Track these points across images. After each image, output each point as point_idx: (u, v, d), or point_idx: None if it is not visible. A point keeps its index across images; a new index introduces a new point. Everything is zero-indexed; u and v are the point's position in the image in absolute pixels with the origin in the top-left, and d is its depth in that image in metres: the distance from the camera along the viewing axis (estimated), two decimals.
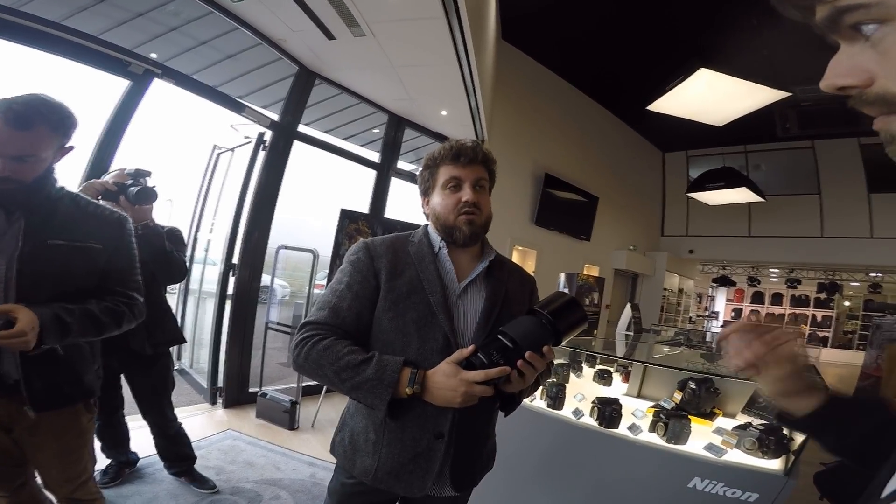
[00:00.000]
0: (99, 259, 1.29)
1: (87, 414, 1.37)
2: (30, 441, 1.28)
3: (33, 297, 1.12)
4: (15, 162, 1.12)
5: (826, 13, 0.38)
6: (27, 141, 1.12)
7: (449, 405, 0.98)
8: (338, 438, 1.19)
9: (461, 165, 1.13)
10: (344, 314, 1.07)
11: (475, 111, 4.49)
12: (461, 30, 3.07)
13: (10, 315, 1.05)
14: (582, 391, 2.32)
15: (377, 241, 1.16)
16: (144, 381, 2.27)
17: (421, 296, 1.08)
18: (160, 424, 2.35)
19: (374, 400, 0.98)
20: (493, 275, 1.17)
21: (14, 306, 1.07)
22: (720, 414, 2.22)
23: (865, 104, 0.39)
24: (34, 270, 1.16)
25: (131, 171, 2.06)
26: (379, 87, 4.38)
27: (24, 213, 1.18)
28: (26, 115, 1.10)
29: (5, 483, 1.33)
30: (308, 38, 3.46)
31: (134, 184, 1.99)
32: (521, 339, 0.96)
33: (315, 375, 1.04)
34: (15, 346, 1.06)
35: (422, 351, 1.05)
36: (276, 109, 4.07)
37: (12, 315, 1.06)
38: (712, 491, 1.64)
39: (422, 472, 1.07)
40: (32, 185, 1.18)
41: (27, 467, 1.37)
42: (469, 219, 1.11)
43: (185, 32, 3.45)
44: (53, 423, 1.28)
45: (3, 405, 1.22)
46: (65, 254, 1.21)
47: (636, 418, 2.06)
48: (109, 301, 1.29)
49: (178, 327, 2.40)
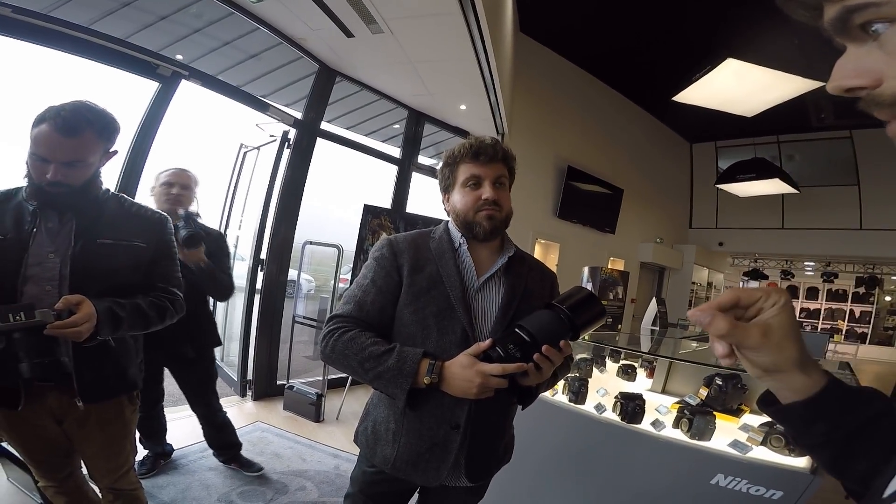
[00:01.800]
0: (143, 256, 1.36)
1: (130, 406, 1.43)
2: (78, 432, 1.35)
3: (85, 293, 1.18)
4: (66, 167, 1.19)
5: (835, 13, 0.38)
6: (76, 147, 1.18)
7: (465, 396, 1.00)
8: (361, 428, 1.24)
9: (481, 163, 1.13)
10: (368, 308, 1.12)
11: (495, 105, 4.47)
12: (478, 25, 3.06)
13: (74, 307, 1.13)
14: (605, 386, 2.30)
15: (400, 237, 1.19)
16: (190, 376, 2.42)
17: (440, 290, 1.10)
18: (207, 415, 2.47)
19: (394, 389, 1.01)
20: (512, 270, 1.18)
21: (79, 297, 1.14)
22: (747, 411, 2.17)
23: (876, 106, 0.38)
24: (86, 267, 1.24)
25: (183, 213, 2.17)
26: (398, 84, 4.40)
27: (75, 215, 1.26)
28: (75, 123, 1.16)
29: (54, 473, 1.41)
30: (327, 36, 3.50)
31: (185, 226, 2.08)
32: (538, 332, 0.97)
33: (341, 366, 1.08)
34: (68, 335, 1.12)
35: (441, 343, 1.08)
36: (298, 107, 4.14)
37: (77, 307, 1.13)
38: (735, 488, 1.61)
39: (437, 462, 1.10)
40: (81, 188, 1.25)
41: (74, 458, 1.44)
42: (489, 213, 1.13)
43: (208, 34, 3.53)
44: (100, 414, 1.34)
45: (55, 397, 1.28)
46: (113, 251, 1.29)
47: (660, 414, 2.03)
48: (153, 296, 1.36)
49: (216, 331, 2.51)
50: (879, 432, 0.50)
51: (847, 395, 0.53)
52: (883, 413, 0.51)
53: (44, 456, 1.37)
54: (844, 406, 0.52)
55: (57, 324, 1.09)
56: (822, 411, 0.52)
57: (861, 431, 0.51)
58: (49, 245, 1.23)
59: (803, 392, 0.53)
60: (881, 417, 0.51)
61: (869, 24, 0.36)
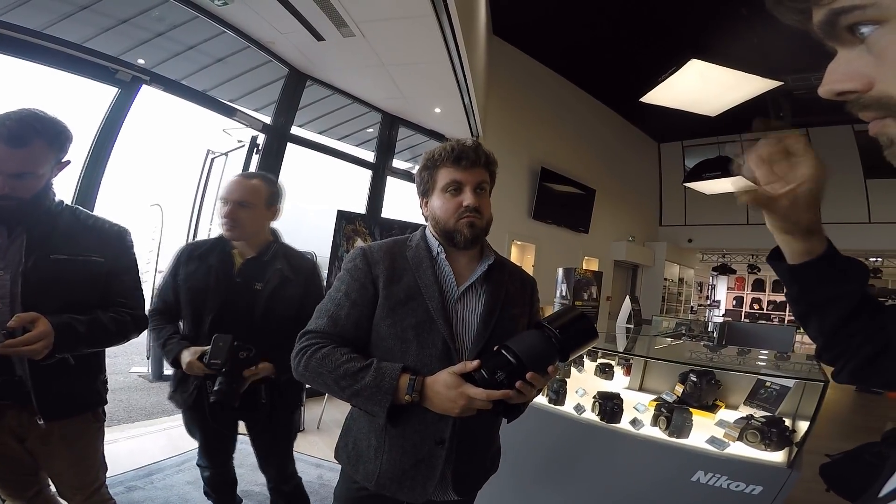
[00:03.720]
0: (101, 271, 1.31)
1: (95, 423, 1.40)
2: (42, 450, 1.30)
3: (39, 310, 1.13)
4: (14, 179, 1.13)
5: (822, 16, 0.38)
6: (24, 158, 1.13)
7: (446, 413, 0.97)
8: (342, 444, 1.19)
9: (462, 169, 1.09)
10: (342, 322, 1.07)
11: (469, 107, 4.47)
12: (451, 27, 3.05)
13: (28, 325, 1.08)
14: (584, 386, 2.32)
15: (374, 247, 1.14)
16: (265, 429, 1.78)
17: (419, 301, 1.06)
18: (276, 479, 1.90)
19: (373, 407, 0.97)
20: (492, 277, 1.14)
21: (34, 315, 1.09)
22: (722, 406, 2.22)
23: (862, 108, 0.39)
24: (39, 284, 1.18)
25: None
26: (371, 87, 4.36)
27: (26, 229, 1.20)
28: (21, 132, 1.10)
29: (21, 492, 1.36)
30: (297, 39, 3.44)
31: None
32: (526, 355, 0.93)
33: (315, 384, 1.04)
34: (23, 353, 1.07)
35: (421, 357, 1.04)
36: (268, 112, 4.05)
37: (31, 324, 1.08)
38: (716, 484, 1.63)
39: (423, 479, 1.07)
40: (32, 200, 1.19)
41: (41, 475, 1.39)
42: (470, 221, 1.09)
43: (172, 38, 3.42)
44: (64, 431, 1.30)
45: (15, 415, 1.24)
46: (67, 267, 1.24)
47: (638, 412, 2.05)
48: (113, 311, 1.31)
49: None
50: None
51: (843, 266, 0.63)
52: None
53: (7, 475, 1.33)
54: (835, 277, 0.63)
55: (9, 342, 1.04)
56: (823, 275, 0.62)
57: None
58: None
59: (803, 255, 0.63)
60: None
61: (856, 27, 0.36)
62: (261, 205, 1.65)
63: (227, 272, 1.60)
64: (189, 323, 1.62)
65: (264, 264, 1.63)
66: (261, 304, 1.57)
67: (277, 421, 1.73)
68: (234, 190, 1.61)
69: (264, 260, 1.63)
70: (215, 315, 1.55)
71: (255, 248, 1.64)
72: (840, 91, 0.39)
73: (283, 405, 1.72)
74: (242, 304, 1.57)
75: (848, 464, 1.66)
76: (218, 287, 1.57)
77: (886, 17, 0.34)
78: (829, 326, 0.65)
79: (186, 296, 1.60)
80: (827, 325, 0.65)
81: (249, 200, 1.61)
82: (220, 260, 1.61)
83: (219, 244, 1.65)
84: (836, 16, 0.37)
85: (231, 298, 1.57)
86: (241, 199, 1.60)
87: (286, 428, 1.84)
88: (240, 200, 1.60)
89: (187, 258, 1.65)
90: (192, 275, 1.61)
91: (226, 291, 1.57)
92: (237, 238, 1.62)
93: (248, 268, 1.61)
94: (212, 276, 1.59)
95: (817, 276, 0.63)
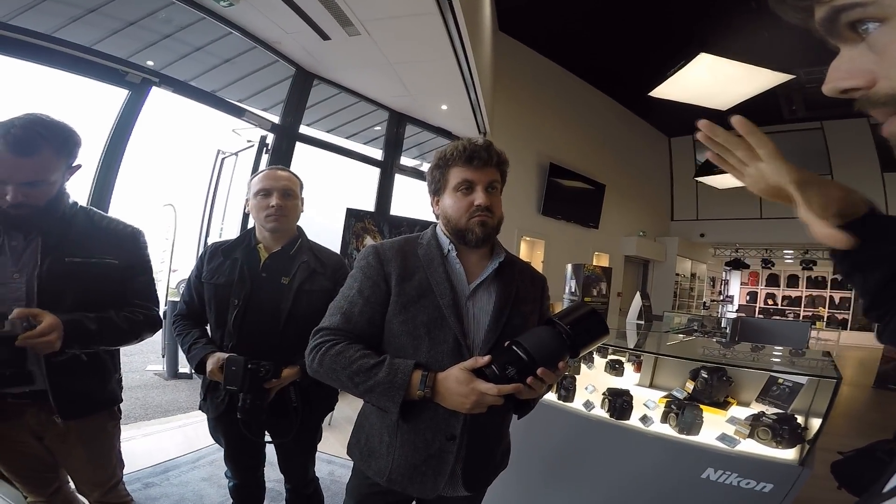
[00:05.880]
0: (115, 273, 1.32)
1: (111, 421, 1.42)
2: (61, 447, 1.33)
3: (55, 312, 1.14)
4: (26, 187, 1.13)
5: (824, 13, 0.38)
6: (34, 167, 1.12)
7: (458, 409, 0.98)
8: (354, 440, 1.21)
9: (474, 168, 1.09)
10: (356, 319, 1.08)
11: (475, 104, 4.46)
12: (456, 24, 3.04)
13: (34, 318, 1.09)
14: (593, 382, 2.31)
15: (386, 244, 1.16)
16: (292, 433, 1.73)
17: (430, 299, 1.07)
18: (297, 482, 1.91)
19: (386, 402, 0.98)
20: (503, 275, 1.15)
21: (38, 310, 1.11)
22: (734, 403, 2.19)
23: (871, 106, 0.39)
24: (54, 287, 1.20)
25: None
26: (378, 85, 4.37)
27: (41, 233, 1.21)
28: (28, 140, 1.09)
29: (41, 488, 1.39)
30: (303, 39, 3.45)
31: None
32: (536, 351, 0.94)
33: (330, 380, 1.05)
34: (39, 346, 1.09)
35: (432, 353, 1.05)
36: (276, 112, 4.08)
37: (37, 318, 1.09)
38: (726, 482, 1.62)
39: (434, 474, 1.08)
40: (46, 207, 1.20)
41: (60, 473, 1.42)
42: (482, 220, 1.09)
43: (180, 39, 3.45)
44: (81, 430, 1.32)
45: (34, 414, 1.26)
46: (82, 270, 1.25)
47: (648, 409, 2.04)
48: (128, 311, 1.33)
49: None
50: None
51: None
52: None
53: (28, 472, 1.36)
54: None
55: (28, 334, 1.06)
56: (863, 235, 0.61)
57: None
58: (12, 265, 1.18)
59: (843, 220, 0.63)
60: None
61: (858, 24, 0.36)
62: (299, 196, 1.64)
63: (253, 266, 1.56)
64: (214, 319, 1.58)
65: (291, 258, 1.58)
66: (288, 299, 1.53)
67: (305, 425, 1.65)
68: (280, 179, 1.58)
69: (290, 253, 1.59)
70: (239, 310, 1.51)
71: (280, 242, 1.60)
72: (844, 88, 0.39)
73: (313, 409, 1.67)
74: (268, 298, 1.53)
75: (859, 461, 1.63)
76: (243, 281, 1.53)
77: (888, 14, 0.34)
78: (874, 285, 0.65)
79: (210, 291, 1.57)
80: (871, 284, 0.65)
81: (293, 190, 1.60)
82: (246, 254, 1.57)
83: (244, 239, 1.61)
84: (837, 13, 0.37)
85: (256, 293, 1.52)
86: (287, 189, 1.57)
87: (313, 433, 1.81)
88: (285, 190, 1.57)
89: (211, 255, 1.61)
90: (216, 270, 1.57)
91: (251, 286, 1.53)
92: (284, 228, 1.58)
93: (275, 262, 1.57)
94: (236, 270, 1.54)
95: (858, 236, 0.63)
